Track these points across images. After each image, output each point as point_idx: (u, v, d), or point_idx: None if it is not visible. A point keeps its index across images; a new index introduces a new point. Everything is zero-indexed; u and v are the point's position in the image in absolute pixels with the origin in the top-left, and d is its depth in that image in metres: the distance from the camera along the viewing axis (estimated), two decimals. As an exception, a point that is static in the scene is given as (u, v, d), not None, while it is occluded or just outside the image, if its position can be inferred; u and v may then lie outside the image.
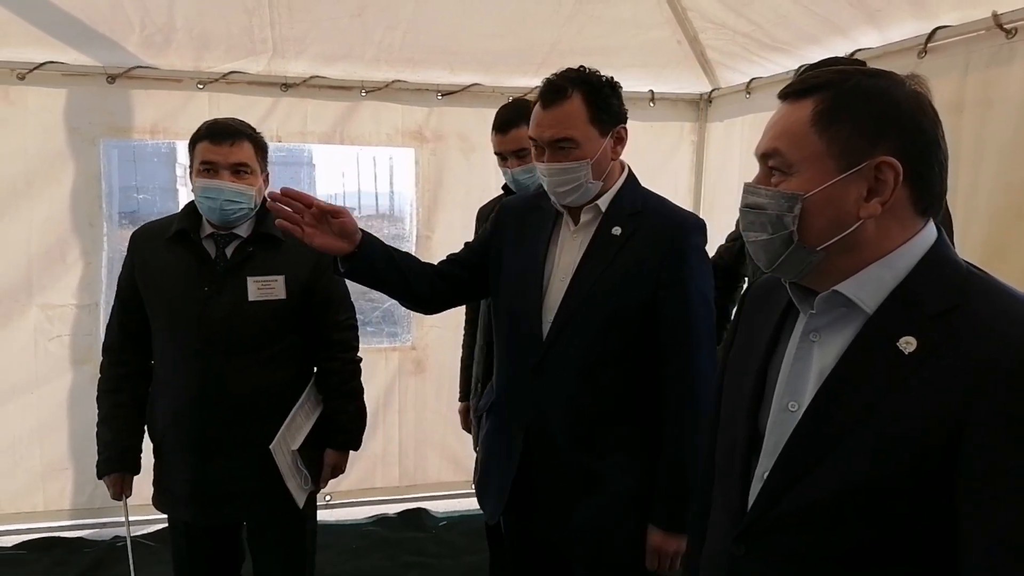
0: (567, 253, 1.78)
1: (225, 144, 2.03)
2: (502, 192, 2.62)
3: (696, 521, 1.31)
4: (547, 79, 1.75)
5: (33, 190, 3.23)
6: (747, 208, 1.05)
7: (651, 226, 1.74)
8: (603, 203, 1.76)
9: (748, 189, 1.05)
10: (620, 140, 1.77)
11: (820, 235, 0.99)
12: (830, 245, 0.99)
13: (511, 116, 2.44)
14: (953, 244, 1.05)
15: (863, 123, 0.97)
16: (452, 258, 1.99)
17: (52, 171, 3.25)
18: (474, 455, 2.76)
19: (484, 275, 1.93)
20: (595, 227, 1.76)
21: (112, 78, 3.23)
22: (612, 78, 1.75)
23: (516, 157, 2.41)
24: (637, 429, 1.76)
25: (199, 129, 2.08)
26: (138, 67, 3.24)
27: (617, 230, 1.74)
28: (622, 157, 1.82)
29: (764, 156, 1.04)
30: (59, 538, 3.39)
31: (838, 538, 0.97)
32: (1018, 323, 0.89)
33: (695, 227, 1.78)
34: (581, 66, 1.74)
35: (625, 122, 1.77)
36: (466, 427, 2.87)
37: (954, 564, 0.90)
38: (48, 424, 3.35)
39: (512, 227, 1.90)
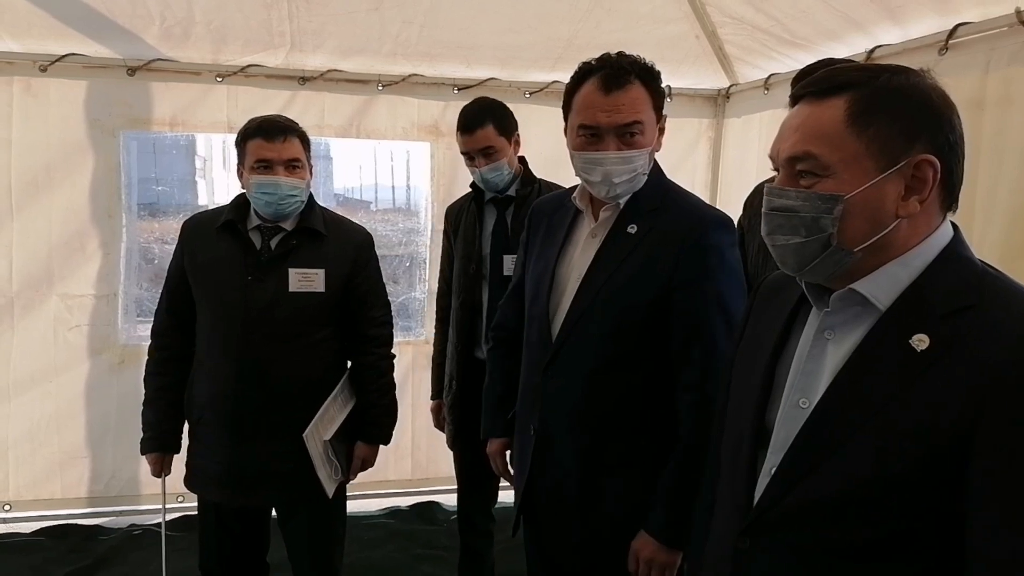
0: (583, 253, 1.72)
1: (278, 140, 2.08)
2: (471, 190, 2.63)
3: (701, 515, 1.31)
4: (599, 63, 1.63)
5: (54, 181, 3.27)
6: (775, 211, 1.02)
7: (668, 223, 1.64)
8: (622, 200, 1.68)
9: (775, 192, 1.02)
10: (662, 132, 1.69)
11: (858, 236, 0.98)
12: (867, 246, 0.98)
13: (476, 116, 2.48)
14: None
15: (901, 121, 0.95)
16: (509, 295, 1.99)
17: (72, 162, 3.28)
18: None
19: None
20: (611, 225, 1.69)
21: (132, 70, 3.27)
22: (654, 64, 1.66)
23: (483, 156, 2.46)
24: (644, 444, 1.68)
25: (248, 126, 2.12)
26: (157, 60, 3.28)
27: (633, 228, 1.65)
28: None
29: (792, 159, 1.00)
30: (76, 525, 3.43)
31: (845, 533, 0.96)
32: None
33: (717, 224, 1.66)
34: (620, 52, 1.64)
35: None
36: (438, 425, 2.87)
37: (961, 561, 0.89)
38: (66, 413, 3.40)
39: (542, 229, 1.86)
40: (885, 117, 0.95)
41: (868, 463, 0.94)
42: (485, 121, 2.46)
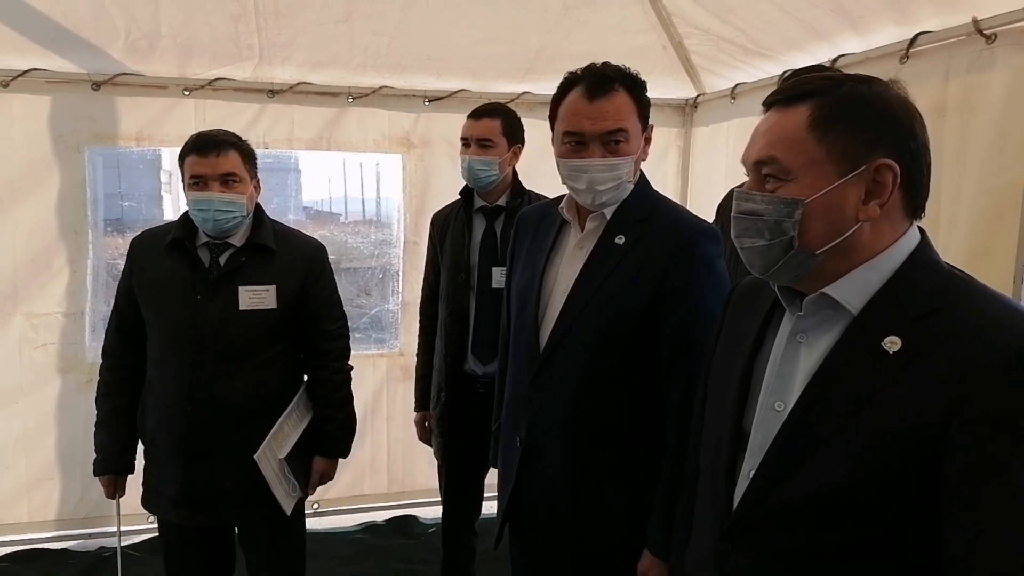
0: (570, 263, 1.71)
1: (211, 155, 2.05)
2: (459, 198, 2.65)
3: (682, 519, 1.32)
4: (584, 72, 1.63)
5: (18, 197, 3.20)
6: (742, 215, 1.05)
7: (656, 234, 1.64)
8: (608, 210, 1.67)
9: (742, 196, 1.05)
10: (648, 141, 1.70)
11: (819, 239, 1.00)
12: (828, 249, 1.00)
13: (488, 108, 2.58)
14: None
15: (861, 128, 0.98)
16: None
17: (37, 178, 3.22)
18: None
19: None
20: (599, 236, 1.68)
21: (97, 85, 3.22)
22: (639, 74, 1.67)
23: (479, 145, 2.51)
24: (633, 455, 1.67)
25: (186, 143, 2.10)
26: (123, 74, 3.23)
27: (620, 239, 1.64)
28: None
29: (758, 163, 1.03)
30: (43, 550, 3.35)
31: (823, 535, 0.98)
32: (999, 326, 0.91)
33: (704, 234, 1.66)
34: (605, 62, 1.65)
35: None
36: (423, 437, 2.85)
37: (938, 559, 0.91)
38: (34, 433, 3.32)
39: (527, 238, 1.85)
40: (846, 124, 0.98)
41: (844, 465, 0.95)
42: (495, 115, 2.53)
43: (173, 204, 7.54)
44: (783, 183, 1.01)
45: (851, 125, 0.98)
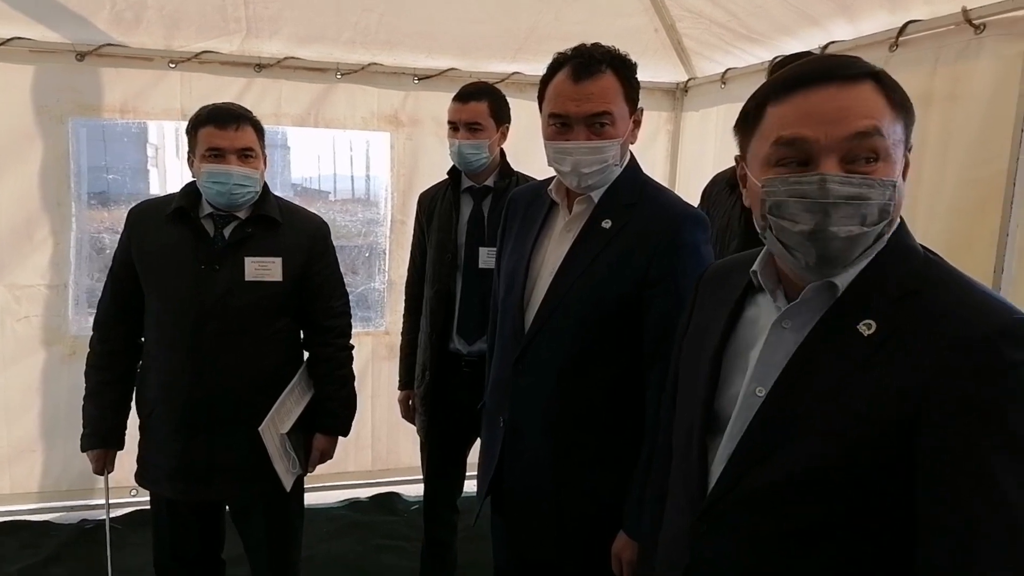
0: (557, 246, 1.71)
1: (230, 128, 2.02)
2: (447, 177, 2.64)
3: (654, 502, 1.33)
4: (572, 53, 1.62)
5: (0, 168, 3.17)
6: (844, 200, 0.94)
7: (643, 219, 1.63)
8: (596, 194, 1.67)
9: (841, 180, 0.93)
10: (638, 124, 1.68)
11: (894, 222, 0.99)
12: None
13: (475, 89, 2.53)
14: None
15: (908, 108, 0.98)
16: None
17: (19, 149, 3.18)
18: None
19: None
20: (586, 219, 1.67)
21: (81, 55, 3.18)
22: (628, 55, 1.65)
23: (468, 129, 2.48)
24: (616, 439, 1.66)
25: (199, 114, 2.06)
26: (108, 44, 3.19)
27: (607, 223, 1.64)
28: None
29: (859, 136, 0.93)
30: (25, 521, 3.35)
31: (799, 516, 0.99)
32: (973, 310, 0.92)
33: (691, 220, 1.64)
34: (595, 43, 1.63)
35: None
36: (406, 416, 2.86)
37: (913, 538, 0.91)
38: (16, 406, 3.32)
39: (517, 219, 1.85)
40: (904, 103, 0.97)
41: (819, 446, 0.96)
42: (482, 97, 2.50)
43: (159, 179, 7.44)
44: (878, 163, 0.94)
45: (906, 106, 0.98)
